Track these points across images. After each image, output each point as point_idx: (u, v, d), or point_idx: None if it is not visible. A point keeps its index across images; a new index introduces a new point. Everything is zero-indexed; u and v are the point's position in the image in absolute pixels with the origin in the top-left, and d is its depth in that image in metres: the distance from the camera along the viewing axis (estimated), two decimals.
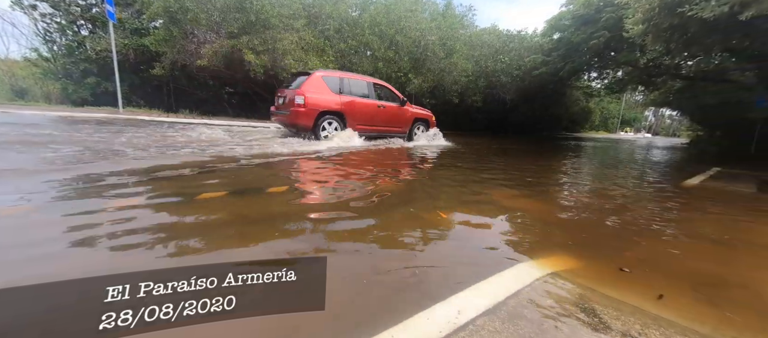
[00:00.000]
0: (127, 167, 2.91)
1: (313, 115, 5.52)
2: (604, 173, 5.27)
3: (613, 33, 9.39)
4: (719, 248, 1.98)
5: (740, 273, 1.64)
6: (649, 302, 1.28)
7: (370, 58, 13.70)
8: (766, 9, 4.12)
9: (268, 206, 2.15)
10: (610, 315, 1.16)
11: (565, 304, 1.21)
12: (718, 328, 1.13)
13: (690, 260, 1.78)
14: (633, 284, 1.42)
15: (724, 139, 14.89)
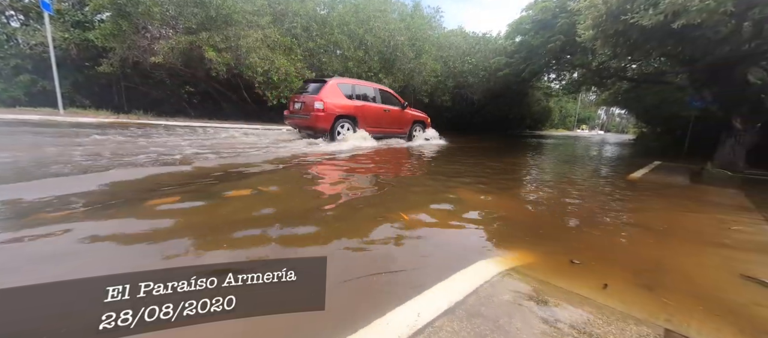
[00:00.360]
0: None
1: (330, 119, 6.06)
2: (562, 169, 5.62)
3: (568, 37, 10.04)
4: (657, 236, 2.17)
5: (673, 258, 1.80)
6: (595, 291, 1.36)
7: (340, 57, 13.55)
8: (693, 19, 4.62)
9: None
10: (560, 306, 1.22)
11: (521, 298, 1.26)
12: (654, 312, 1.23)
13: (632, 248, 1.93)
14: (582, 275, 1.51)
15: (665, 135, 16.50)
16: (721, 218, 2.76)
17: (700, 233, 2.34)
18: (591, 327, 1.10)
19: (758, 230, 2.44)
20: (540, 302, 1.23)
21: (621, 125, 49.03)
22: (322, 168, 3.83)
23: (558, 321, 1.13)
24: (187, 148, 4.45)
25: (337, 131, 6.22)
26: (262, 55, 10.56)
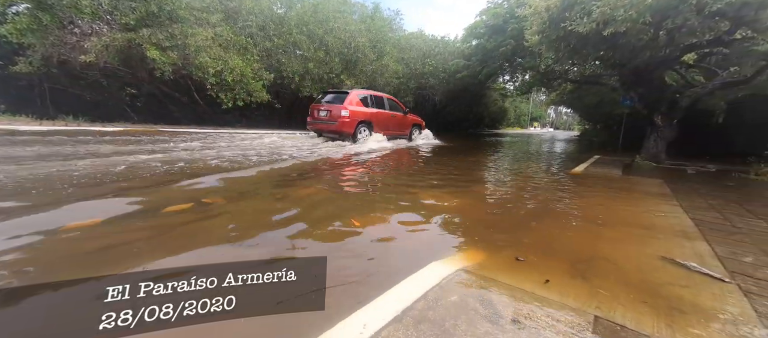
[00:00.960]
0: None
1: (353, 124, 7.17)
2: (516, 166, 5.96)
3: (518, 42, 10.73)
4: (593, 226, 2.37)
5: (606, 246, 1.97)
6: (537, 285, 1.43)
7: (299, 58, 13.19)
8: (619, 27, 5.17)
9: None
10: (504, 303, 1.26)
11: (468, 298, 1.28)
12: (587, 301, 1.32)
13: (571, 240, 2.07)
14: (527, 269, 1.58)
15: (603, 131, 18.30)
16: (646, 206, 3.10)
17: (629, 221, 2.59)
18: (530, 321, 1.14)
19: (675, 215, 2.77)
20: (485, 301, 1.26)
21: (568, 123, 53.55)
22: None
23: (500, 318, 1.16)
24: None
25: (358, 134, 7.29)
26: (214, 54, 9.92)
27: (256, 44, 11.92)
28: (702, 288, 1.46)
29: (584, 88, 14.32)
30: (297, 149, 5.94)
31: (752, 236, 2.25)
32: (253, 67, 11.28)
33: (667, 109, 6.96)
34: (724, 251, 1.92)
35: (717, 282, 1.52)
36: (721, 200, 3.41)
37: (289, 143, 6.95)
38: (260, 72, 11.95)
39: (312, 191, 2.94)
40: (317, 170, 4.05)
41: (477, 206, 2.82)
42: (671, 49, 6.03)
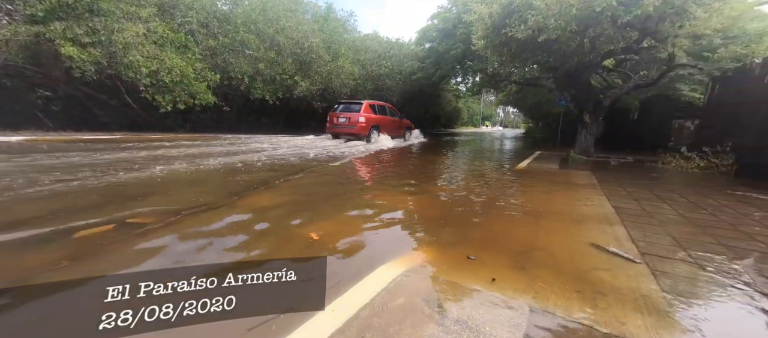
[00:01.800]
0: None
1: (368, 128, 9.22)
2: (468, 164, 6.25)
3: (466, 46, 11.30)
4: (533, 218, 2.55)
5: (543, 238, 2.12)
6: (482, 281, 1.48)
7: (249, 58, 12.47)
8: (551, 34, 5.71)
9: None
10: (450, 302, 1.28)
11: (415, 299, 1.27)
12: (525, 292, 1.39)
13: (514, 233, 2.20)
14: (474, 267, 1.63)
15: (545, 128, 20.10)
16: (578, 196, 3.43)
17: (563, 211, 2.84)
18: (472, 319, 1.17)
19: (601, 204, 3.10)
20: (432, 301, 1.27)
21: (515, 121, 57.91)
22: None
23: (446, 318, 1.17)
24: None
25: (371, 136, 9.34)
26: (148, 52, 8.95)
27: (197, 42, 11.01)
28: (620, 270, 1.64)
29: (526, 89, 15.57)
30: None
31: (658, 219, 2.60)
32: (196, 67, 10.41)
33: (594, 108, 7.85)
34: (637, 234, 2.18)
35: (632, 264, 1.71)
36: (635, 188, 3.91)
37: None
38: (204, 72, 11.07)
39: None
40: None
41: (429, 205, 2.88)
42: (594, 55, 6.80)
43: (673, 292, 1.43)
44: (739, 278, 1.59)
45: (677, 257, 1.82)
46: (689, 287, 1.49)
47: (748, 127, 5.45)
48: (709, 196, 3.56)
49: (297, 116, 17.57)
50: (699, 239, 2.13)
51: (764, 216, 2.75)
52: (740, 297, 1.42)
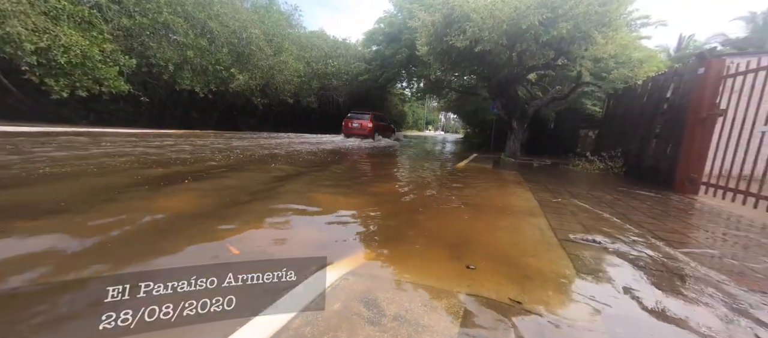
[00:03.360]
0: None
1: (373, 131, 13.26)
2: (412, 164, 6.42)
3: (411, 51, 11.71)
4: (470, 212, 2.68)
5: (478, 229, 2.23)
6: (421, 275, 1.47)
7: (175, 44, 11.06)
8: (485, 46, 6.23)
9: None
10: (388, 299, 1.23)
11: (352, 303, 1.19)
12: (461, 282, 1.41)
13: (452, 225, 2.27)
14: (414, 261, 1.62)
15: (480, 134, 21.91)
16: (508, 191, 3.75)
17: (495, 204, 3.06)
18: (410, 313, 1.14)
19: (526, 198, 3.42)
20: (370, 302, 1.21)
21: (455, 126, 62.10)
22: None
23: (383, 316, 1.11)
24: None
25: (374, 136, 13.44)
26: (33, 25, 7.32)
27: (107, 19, 9.40)
28: (543, 255, 1.79)
29: (465, 97, 16.79)
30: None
31: (570, 209, 2.96)
32: (104, 49, 8.87)
33: (520, 116, 8.78)
34: (556, 223, 2.44)
35: (552, 251, 1.89)
36: (554, 184, 4.44)
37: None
38: (115, 55, 9.51)
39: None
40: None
41: (374, 203, 2.84)
42: (520, 68, 7.61)
43: (585, 270, 1.60)
44: (630, 253, 1.87)
45: (585, 240, 2.08)
46: (595, 264, 1.70)
47: (632, 136, 6.65)
48: (606, 192, 4.22)
49: (234, 112, 16.14)
50: (600, 226, 2.47)
51: (641, 206, 3.34)
52: (630, 268, 1.66)
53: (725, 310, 1.32)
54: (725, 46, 22.49)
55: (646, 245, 2.07)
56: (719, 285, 1.55)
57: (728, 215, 3.24)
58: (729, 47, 21.60)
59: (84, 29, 8.73)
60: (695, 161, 4.48)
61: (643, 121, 6.29)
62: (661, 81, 5.92)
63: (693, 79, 4.72)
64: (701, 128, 4.42)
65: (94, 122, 10.83)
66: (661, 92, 5.80)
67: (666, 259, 1.85)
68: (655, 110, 5.84)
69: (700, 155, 4.44)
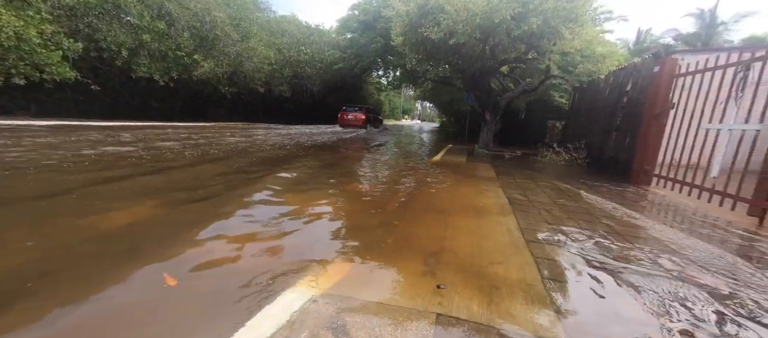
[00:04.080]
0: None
1: (365, 122, 16.10)
2: (388, 158, 6.38)
3: (387, 40, 11.49)
4: (442, 216, 2.70)
5: (451, 235, 2.25)
6: (393, 294, 1.44)
7: (128, 26, 10.09)
8: (460, 39, 6.23)
9: None
10: (358, 325, 1.19)
11: (319, 331, 1.14)
12: (433, 299, 1.41)
13: (426, 233, 2.27)
14: (386, 280, 1.59)
15: (455, 124, 22.26)
16: (480, 188, 3.83)
17: (468, 204, 3.10)
18: (382, 336, 1.11)
19: (497, 195, 3.51)
20: (339, 328, 1.16)
21: (431, 116, 62.71)
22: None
23: None
24: None
25: (366, 126, 16.12)
26: None
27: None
28: (511, 263, 1.83)
29: (441, 87, 16.89)
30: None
31: (538, 208, 3.08)
32: (43, 30, 7.94)
33: (493, 108, 8.97)
34: (524, 223, 2.52)
35: (520, 255, 1.94)
36: (523, 178, 4.60)
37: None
38: (58, 38, 8.57)
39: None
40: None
41: (345, 207, 2.77)
42: (492, 62, 7.72)
43: (550, 275, 1.66)
44: (585, 249, 1.96)
45: (551, 240, 2.16)
46: (558, 266, 1.76)
47: (595, 129, 7.02)
48: (570, 184, 4.44)
49: (200, 102, 15.18)
50: (565, 223, 2.58)
51: (600, 200, 3.55)
52: (592, 269, 1.74)
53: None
54: (677, 40, 24.18)
55: (601, 244, 2.19)
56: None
57: (674, 207, 3.52)
58: (680, 42, 23.26)
59: (17, 8, 7.70)
60: (650, 153, 4.81)
61: (605, 114, 6.64)
62: (621, 76, 6.24)
63: (649, 76, 5.01)
64: (656, 123, 4.73)
65: (38, 114, 9.75)
66: (621, 87, 6.12)
67: (618, 258, 1.97)
68: (616, 104, 6.18)
69: (654, 148, 4.77)
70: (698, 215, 3.18)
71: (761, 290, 1.68)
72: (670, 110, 4.53)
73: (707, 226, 2.82)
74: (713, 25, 22.54)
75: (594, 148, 6.94)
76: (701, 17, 23.03)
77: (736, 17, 21.90)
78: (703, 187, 3.65)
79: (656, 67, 4.79)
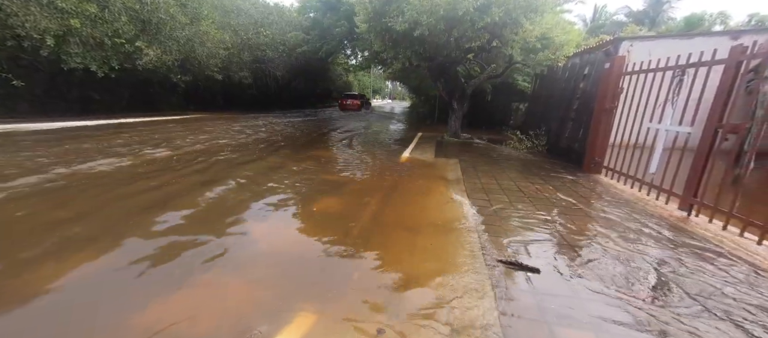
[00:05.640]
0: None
1: (359, 106, 22.63)
2: (350, 156, 6.29)
3: (351, 24, 10.98)
4: (405, 241, 2.73)
5: (414, 265, 2.29)
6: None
7: (51, 10, 8.76)
8: (424, 30, 6.11)
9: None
10: None
11: None
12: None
13: (385, 264, 2.30)
14: (336, 331, 1.59)
15: (425, 105, 22.36)
16: (446, 195, 3.92)
17: (433, 220, 3.17)
18: None
19: (461, 205, 3.61)
20: None
21: (403, 94, 62.29)
22: None
23: None
24: None
25: (362, 109, 23.03)
26: None
27: None
28: (466, 300, 1.92)
29: (410, 70, 16.71)
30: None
31: (504, 224, 3.22)
32: None
33: (460, 96, 9.06)
34: (487, 240, 2.63)
35: (476, 291, 2.03)
36: (487, 178, 4.77)
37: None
38: None
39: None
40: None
41: (297, 237, 2.72)
42: (458, 52, 7.70)
43: (509, 310, 1.76)
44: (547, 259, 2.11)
45: (511, 263, 2.28)
46: (520, 299, 1.88)
47: (554, 117, 7.37)
48: (533, 181, 4.68)
49: (150, 92, 13.85)
50: (526, 235, 2.73)
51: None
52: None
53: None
54: (629, 17, 25.54)
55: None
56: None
57: (624, 201, 3.86)
58: (631, 20, 24.58)
59: None
60: (600, 145, 5.16)
61: (563, 103, 6.97)
62: (577, 67, 6.52)
63: (601, 71, 5.28)
64: (606, 117, 5.05)
65: None
66: (576, 78, 6.41)
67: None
68: (572, 95, 6.49)
69: (604, 140, 5.12)
70: (636, 208, 3.51)
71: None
72: (619, 94, 4.76)
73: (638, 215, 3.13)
74: (659, 3, 24.01)
75: (552, 135, 7.32)
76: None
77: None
78: (643, 181, 4.01)
79: (607, 64, 5.04)
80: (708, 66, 3.27)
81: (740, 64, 2.95)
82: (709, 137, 3.14)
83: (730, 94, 3.00)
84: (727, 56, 3.05)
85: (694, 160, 3.30)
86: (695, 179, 3.26)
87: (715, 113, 3.10)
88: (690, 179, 3.34)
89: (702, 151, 3.21)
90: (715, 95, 3.11)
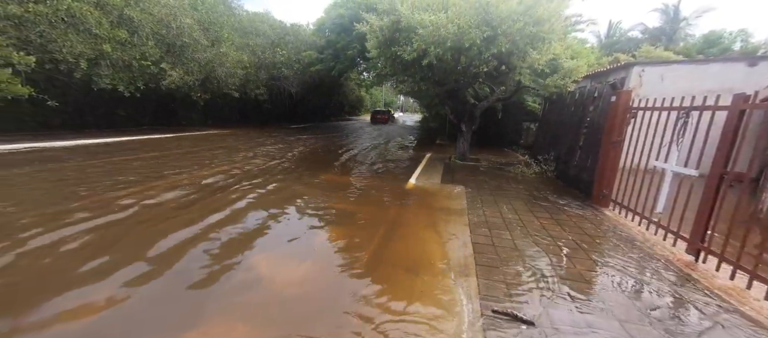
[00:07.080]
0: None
1: (387, 120, 30.14)
2: (357, 181, 6.44)
3: (363, 47, 11.35)
4: (408, 275, 2.82)
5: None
6: None
7: (86, 35, 9.47)
8: (433, 59, 6.28)
9: None
10: None
11: None
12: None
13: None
14: None
15: (436, 120, 22.52)
16: (449, 231, 3.98)
17: (433, 257, 3.25)
18: None
19: (463, 244, 3.67)
20: None
21: (414, 107, 62.72)
22: None
23: None
24: None
25: (388, 122, 29.80)
26: None
27: None
28: None
29: (420, 88, 16.95)
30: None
31: (506, 271, 3.26)
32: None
33: (468, 119, 9.15)
34: (484, 286, 2.69)
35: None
36: (492, 211, 4.80)
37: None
38: (5, 52, 8.02)
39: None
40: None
41: (289, 282, 2.85)
42: (466, 77, 7.84)
43: None
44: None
45: (506, 314, 2.33)
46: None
47: (563, 143, 7.34)
48: (538, 215, 4.68)
49: (172, 107, 14.57)
50: (530, 284, 2.77)
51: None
52: None
53: None
54: (644, 35, 25.16)
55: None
56: None
57: (631, 239, 3.82)
58: (647, 37, 24.22)
59: None
60: (608, 178, 5.13)
61: (571, 131, 6.94)
62: (585, 94, 6.52)
63: (608, 104, 5.28)
64: (613, 150, 5.03)
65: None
66: (585, 107, 6.41)
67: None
68: (580, 123, 6.48)
69: (612, 172, 5.08)
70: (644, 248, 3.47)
71: None
72: (630, 119, 4.72)
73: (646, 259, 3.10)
74: (676, 20, 23.60)
75: (561, 162, 7.28)
76: (666, 12, 24.01)
77: (697, 12, 23.01)
78: (651, 219, 3.96)
79: (613, 97, 5.06)
80: (711, 111, 3.28)
81: (743, 113, 2.95)
82: (714, 183, 3.12)
83: (734, 141, 2.99)
84: (730, 103, 3.05)
85: (700, 205, 3.27)
86: (702, 224, 3.22)
87: (720, 160, 3.09)
88: (696, 224, 3.30)
89: (707, 197, 3.18)
90: (719, 142, 3.11)
